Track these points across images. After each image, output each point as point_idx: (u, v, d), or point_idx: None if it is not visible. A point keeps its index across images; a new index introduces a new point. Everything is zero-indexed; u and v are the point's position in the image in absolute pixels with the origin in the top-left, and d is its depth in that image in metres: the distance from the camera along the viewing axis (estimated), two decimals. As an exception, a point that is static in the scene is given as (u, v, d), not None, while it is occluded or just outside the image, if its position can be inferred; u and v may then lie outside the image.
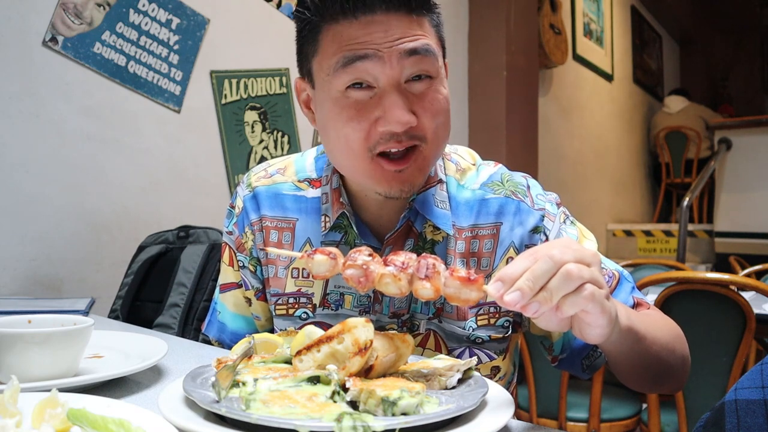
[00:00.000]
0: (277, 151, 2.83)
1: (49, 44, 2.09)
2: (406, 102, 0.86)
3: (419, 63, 0.87)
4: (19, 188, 2.01)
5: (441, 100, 0.90)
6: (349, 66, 0.86)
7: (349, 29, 0.86)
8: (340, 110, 0.88)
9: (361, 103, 0.87)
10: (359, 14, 0.86)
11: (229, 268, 1.12)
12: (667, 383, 0.95)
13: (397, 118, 0.85)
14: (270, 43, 2.80)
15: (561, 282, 0.63)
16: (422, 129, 0.88)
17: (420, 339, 0.97)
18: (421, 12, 0.88)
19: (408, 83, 0.88)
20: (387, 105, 0.85)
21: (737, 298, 1.80)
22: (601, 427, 2.19)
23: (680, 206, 4.98)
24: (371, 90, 0.87)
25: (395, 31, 0.86)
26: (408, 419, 0.59)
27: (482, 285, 0.68)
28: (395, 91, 0.86)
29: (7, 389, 0.62)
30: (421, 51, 0.87)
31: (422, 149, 0.89)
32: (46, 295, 2.01)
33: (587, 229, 1.03)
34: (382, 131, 0.86)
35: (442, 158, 1.03)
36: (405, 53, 0.86)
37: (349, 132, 0.88)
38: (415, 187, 0.91)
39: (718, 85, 8.87)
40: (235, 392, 0.64)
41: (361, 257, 0.71)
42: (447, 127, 0.92)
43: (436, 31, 0.92)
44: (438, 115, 0.89)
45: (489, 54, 3.94)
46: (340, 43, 0.86)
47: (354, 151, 0.89)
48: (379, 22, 0.86)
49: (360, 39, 0.85)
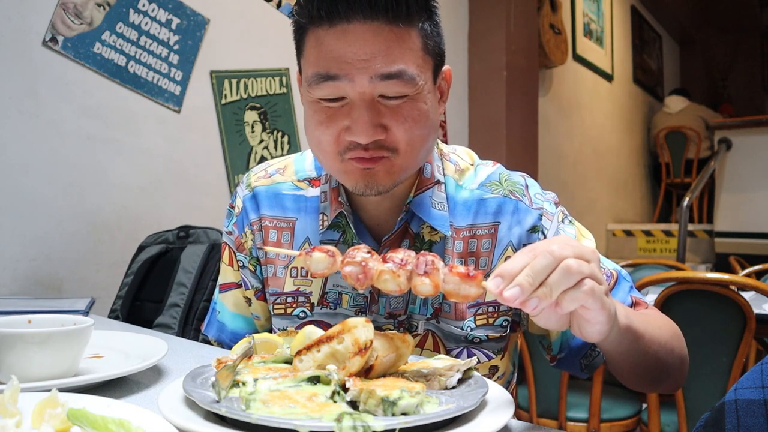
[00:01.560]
0: (277, 151, 2.83)
1: (49, 44, 2.09)
2: (375, 116, 0.85)
3: (393, 86, 0.84)
4: (19, 188, 2.01)
5: (418, 114, 0.87)
6: (322, 83, 0.86)
7: (326, 37, 0.85)
8: (313, 114, 0.90)
9: (332, 109, 0.88)
10: (336, 21, 0.84)
11: (228, 268, 1.12)
12: (665, 383, 0.95)
13: (361, 131, 0.84)
14: (270, 43, 2.80)
15: (561, 277, 0.63)
16: (393, 141, 0.87)
17: (418, 339, 0.98)
18: (402, 24, 0.84)
19: (383, 98, 0.86)
20: (354, 117, 0.85)
21: (737, 298, 1.80)
22: (601, 427, 2.19)
23: (680, 206, 4.97)
24: (343, 100, 0.87)
25: (370, 48, 0.83)
26: (408, 419, 0.59)
27: (481, 281, 0.68)
28: (364, 106, 0.85)
29: (7, 389, 0.62)
30: (395, 75, 0.84)
31: (391, 159, 0.88)
32: (46, 295, 2.01)
33: (585, 229, 1.04)
34: (350, 140, 0.86)
35: (440, 159, 1.03)
36: (377, 77, 0.83)
37: (320, 135, 0.89)
38: (382, 188, 0.90)
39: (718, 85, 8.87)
40: (235, 392, 0.64)
41: (359, 254, 0.71)
42: (426, 137, 0.90)
43: (425, 43, 0.87)
44: (413, 128, 0.87)
45: (489, 54, 3.94)
46: (317, 54, 0.86)
47: (326, 153, 0.90)
48: (354, 33, 0.83)
49: (334, 53, 0.84)
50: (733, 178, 5.65)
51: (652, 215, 6.95)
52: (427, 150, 0.93)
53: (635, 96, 6.94)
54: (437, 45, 0.91)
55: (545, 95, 4.83)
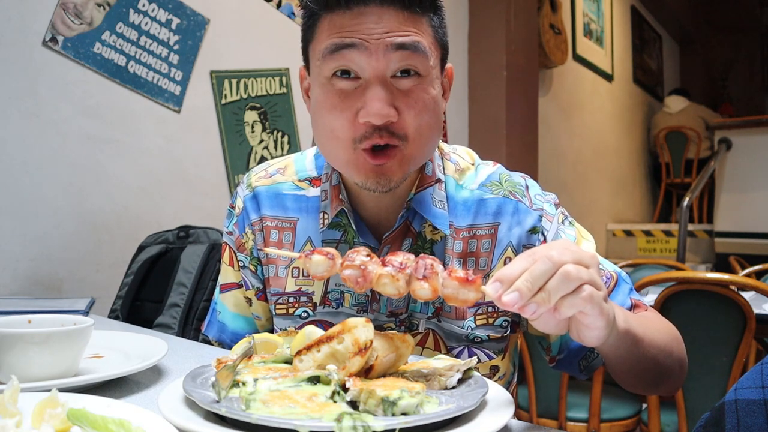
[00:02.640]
0: (277, 151, 2.83)
1: (49, 44, 2.09)
2: (389, 96, 0.86)
3: (407, 58, 0.86)
4: (19, 188, 2.01)
5: (427, 99, 0.89)
6: (336, 53, 0.86)
7: (342, 18, 0.87)
8: (325, 97, 0.89)
9: (345, 92, 0.88)
10: (352, 5, 0.86)
11: (229, 269, 1.12)
12: (663, 386, 0.95)
13: (376, 110, 0.84)
14: (270, 43, 2.80)
15: (559, 283, 0.63)
16: (403, 127, 0.87)
17: (419, 338, 0.98)
18: (416, 10, 0.88)
19: (395, 78, 0.87)
20: (368, 96, 0.85)
21: (737, 298, 1.80)
22: (601, 427, 2.19)
23: (680, 206, 4.97)
24: (357, 81, 0.87)
25: (386, 24, 0.86)
26: (408, 419, 0.59)
27: (480, 285, 0.68)
28: (378, 84, 0.86)
29: (7, 389, 0.62)
30: (410, 46, 0.86)
31: (402, 148, 0.88)
32: (46, 295, 2.01)
33: (585, 230, 1.03)
34: (363, 122, 0.86)
35: (441, 158, 1.03)
36: (392, 47, 0.85)
37: (332, 120, 0.89)
38: (392, 182, 0.90)
39: (718, 85, 8.86)
40: (235, 392, 0.64)
41: (359, 257, 0.71)
42: (434, 126, 0.91)
43: (435, 32, 0.91)
44: (422, 114, 0.88)
45: (489, 54, 3.94)
46: (331, 30, 0.87)
47: (338, 140, 0.89)
48: (371, 13, 0.86)
49: (350, 28, 0.86)
50: (733, 178, 5.65)
51: (652, 215, 6.95)
52: (434, 142, 0.94)
53: (635, 96, 6.94)
54: (443, 40, 0.94)
55: (545, 95, 4.83)
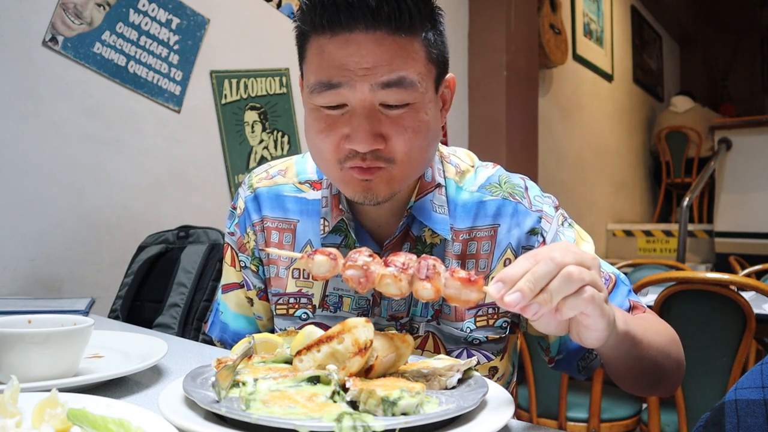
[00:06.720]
0: (277, 151, 2.83)
1: (49, 44, 2.09)
2: (376, 125, 0.85)
3: (394, 94, 0.84)
4: (19, 188, 2.01)
5: (418, 125, 0.86)
6: (323, 91, 0.85)
7: (328, 45, 0.84)
8: (314, 121, 0.89)
9: (332, 117, 0.87)
10: (338, 31, 0.83)
11: (231, 269, 1.12)
12: (661, 387, 0.95)
13: (360, 139, 0.84)
14: (270, 43, 2.80)
15: (561, 284, 0.63)
16: (391, 152, 0.86)
17: (419, 341, 0.98)
18: (407, 33, 0.83)
19: (383, 107, 0.86)
20: (354, 125, 0.84)
21: (737, 298, 1.80)
22: (601, 427, 2.19)
23: (680, 206, 4.97)
24: (344, 107, 0.86)
25: (372, 57, 0.82)
26: (408, 419, 0.59)
27: (482, 286, 0.68)
28: (364, 114, 0.84)
29: (7, 389, 0.62)
30: (395, 83, 0.83)
31: (389, 170, 0.87)
32: (46, 295, 2.01)
33: (585, 232, 1.04)
34: (349, 148, 0.86)
35: (441, 161, 1.03)
36: (378, 85, 0.83)
37: (320, 143, 0.89)
38: (380, 198, 0.90)
39: (718, 85, 8.86)
40: (235, 392, 0.64)
41: (361, 258, 0.71)
42: (425, 148, 0.89)
43: (428, 52, 0.87)
44: (413, 140, 0.86)
45: (489, 54, 3.94)
46: (319, 62, 0.85)
47: (326, 160, 0.90)
48: (357, 42, 0.82)
49: (336, 61, 0.83)
50: (733, 178, 5.65)
51: (652, 215, 6.95)
52: (427, 160, 0.92)
53: (635, 96, 6.94)
54: (441, 54, 0.90)
55: (545, 95, 4.83)
